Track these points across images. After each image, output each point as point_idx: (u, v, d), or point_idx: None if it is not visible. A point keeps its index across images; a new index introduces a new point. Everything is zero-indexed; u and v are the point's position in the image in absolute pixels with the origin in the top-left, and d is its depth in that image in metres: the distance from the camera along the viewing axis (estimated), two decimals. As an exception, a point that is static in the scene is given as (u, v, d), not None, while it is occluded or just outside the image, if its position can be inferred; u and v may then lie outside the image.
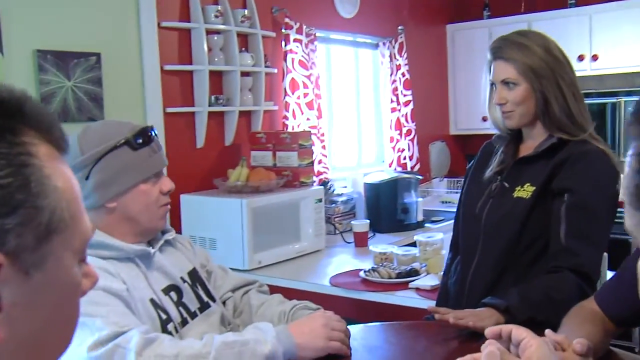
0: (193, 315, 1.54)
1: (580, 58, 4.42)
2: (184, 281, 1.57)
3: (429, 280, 2.44)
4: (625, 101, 4.27)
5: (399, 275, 2.52)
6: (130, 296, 1.39)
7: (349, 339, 1.45)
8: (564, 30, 4.46)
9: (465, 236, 1.87)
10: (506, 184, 1.78)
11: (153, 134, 1.53)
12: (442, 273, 2.10)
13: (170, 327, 1.46)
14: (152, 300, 1.46)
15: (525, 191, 1.72)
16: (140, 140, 1.48)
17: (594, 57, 4.40)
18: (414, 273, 2.54)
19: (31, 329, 0.57)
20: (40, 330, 0.58)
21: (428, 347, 1.45)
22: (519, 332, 0.97)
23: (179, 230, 2.94)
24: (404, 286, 2.47)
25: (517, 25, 4.52)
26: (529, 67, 1.72)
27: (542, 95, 1.73)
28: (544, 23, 4.53)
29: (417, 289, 2.42)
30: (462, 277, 1.84)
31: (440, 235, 2.75)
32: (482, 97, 1.92)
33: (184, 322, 1.51)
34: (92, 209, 1.48)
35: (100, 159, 1.45)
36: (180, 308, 1.52)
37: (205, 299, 1.60)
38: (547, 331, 1.11)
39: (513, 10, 4.76)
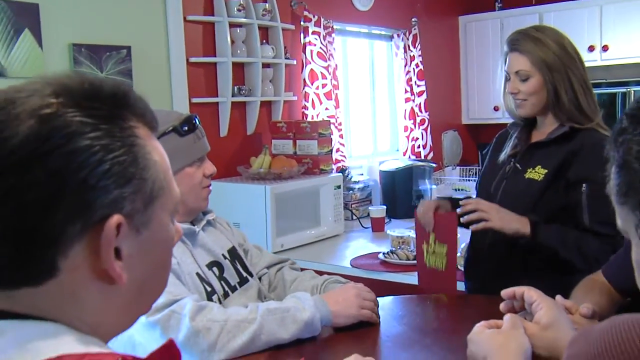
0: (233, 289, 1.68)
1: (591, 49, 4.51)
2: (225, 258, 1.71)
3: (445, 262, 2.57)
4: (635, 91, 4.37)
5: (416, 257, 2.65)
6: (180, 270, 1.53)
7: (377, 308, 1.59)
8: (574, 21, 4.55)
9: None
10: (518, 166, 1.90)
11: (197, 121, 1.66)
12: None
13: (214, 298, 1.60)
14: (198, 274, 1.59)
15: (537, 173, 1.85)
16: (186, 128, 1.62)
17: (604, 48, 4.49)
18: (432, 255, 2.67)
19: (142, 274, 0.71)
20: (148, 274, 0.73)
21: (449, 316, 1.59)
22: (530, 294, 1.10)
23: (205, 215, 3.08)
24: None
25: (528, 16, 4.64)
26: (543, 61, 1.83)
27: (553, 88, 1.85)
28: (555, 14, 4.64)
29: (434, 270, 2.55)
30: (475, 253, 1.97)
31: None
32: (494, 87, 2.04)
33: (226, 295, 1.65)
34: None
35: None
36: (222, 282, 1.66)
37: (244, 274, 1.73)
38: (558, 297, 1.24)
39: (524, 2, 4.85)
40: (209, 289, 1.60)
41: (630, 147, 0.69)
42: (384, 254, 2.76)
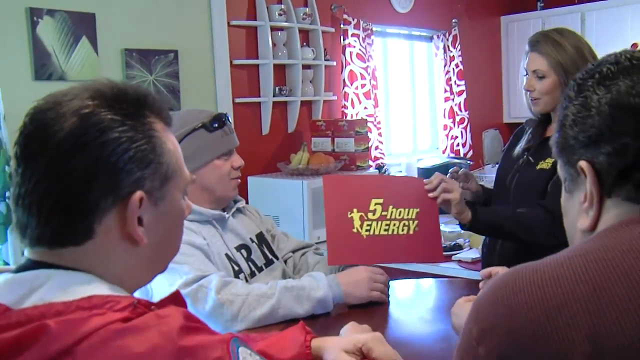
0: (260, 270, 1.85)
1: (634, 46, 4.50)
2: (252, 241, 1.88)
3: (470, 254, 2.69)
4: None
5: (444, 249, 2.77)
6: (209, 250, 1.72)
7: (388, 289, 1.74)
8: (617, 20, 4.56)
9: (498, 204, 2.10)
10: (531, 159, 2.00)
11: (226, 119, 1.85)
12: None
13: (241, 277, 1.77)
14: (227, 255, 1.77)
15: (547, 163, 1.94)
16: (215, 124, 1.80)
17: (647, 46, 4.48)
18: (458, 247, 2.79)
19: (159, 238, 0.89)
20: (163, 239, 0.91)
21: (454, 298, 1.71)
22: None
23: (246, 209, 3.28)
24: (448, 259, 2.73)
25: (571, 16, 4.67)
26: (559, 63, 1.92)
27: None
28: (598, 13, 4.65)
29: (460, 261, 2.67)
30: (492, 246, 2.08)
31: (483, 214, 2.98)
32: (518, 87, 2.15)
33: (252, 274, 1.82)
34: None
35: (182, 140, 1.77)
36: (250, 263, 1.83)
37: (270, 256, 1.91)
38: None
39: (566, 1, 4.88)
40: (236, 268, 1.77)
41: (567, 114, 0.79)
42: (413, 246, 2.89)
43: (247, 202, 3.27)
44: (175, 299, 0.88)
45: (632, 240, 0.69)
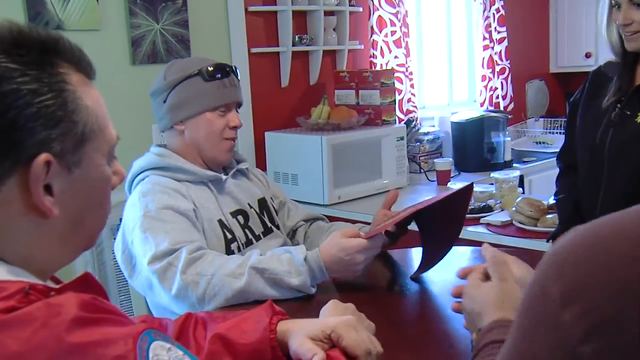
0: (257, 238, 1.67)
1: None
2: (251, 207, 1.70)
3: (500, 217, 2.44)
4: None
5: (471, 211, 2.54)
6: (198, 215, 1.55)
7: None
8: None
9: (588, 168, 1.85)
10: (627, 112, 1.72)
11: (232, 71, 1.65)
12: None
13: (234, 246, 1.60)
14: (219, 221, 1.60)
15: None
16: (216, 74, 1.61)
17: None
18: (487, 209, 2.55)
19: (74, 209, 0.76)
20: (81, 210, 0.77)
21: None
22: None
23: (263, 166, 3.08)
24: (476, 221, 2.48)
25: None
26: None
27: None
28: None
29: (488, 224, 2.42)
30: (590, 210, 1.82)
31: (516, 173, 2.72)
32: (587, 32, 1.82)
33: (249, 243, 1.64)
34: (166, 130, 1.66)
35: (176, 85, 1.61)
36: (246, 230, 1.65)
37: (269, 224, 1.72)
38: None
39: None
40: (229, 236, 1.60)
41: None
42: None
43: (264, 160, 3.12)
44: (84, 281, 0.74)
45: None
